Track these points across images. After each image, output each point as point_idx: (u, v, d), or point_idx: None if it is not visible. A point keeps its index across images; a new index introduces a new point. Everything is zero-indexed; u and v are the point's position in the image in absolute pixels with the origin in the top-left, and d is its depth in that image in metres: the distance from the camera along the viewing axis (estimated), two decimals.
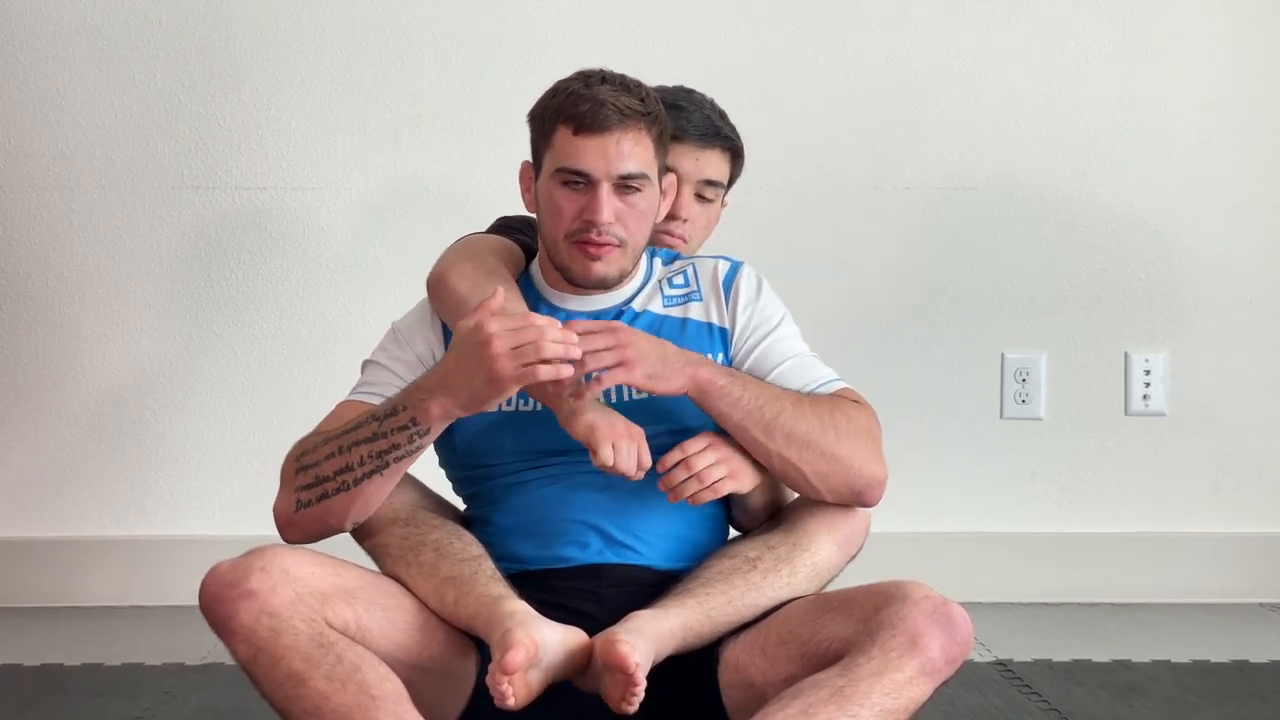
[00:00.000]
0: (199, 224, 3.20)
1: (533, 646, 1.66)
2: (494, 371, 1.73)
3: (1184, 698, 2.46)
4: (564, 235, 1.93)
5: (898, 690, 1.65)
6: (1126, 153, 3.25)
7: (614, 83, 1.91)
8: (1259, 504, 3.28)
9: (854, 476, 1.91)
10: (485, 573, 1.82)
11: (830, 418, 1.90)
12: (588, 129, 1.88)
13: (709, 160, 2.25)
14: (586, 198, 1.90)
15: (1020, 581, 3.22)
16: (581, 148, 1.89)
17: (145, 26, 3.17)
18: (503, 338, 1.73)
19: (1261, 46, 3.26)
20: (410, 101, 3.19)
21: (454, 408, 1.78)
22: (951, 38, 3.23)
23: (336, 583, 1.76)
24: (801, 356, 2.00)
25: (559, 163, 1.91)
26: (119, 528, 3.20)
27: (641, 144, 1.91)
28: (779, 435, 1.87)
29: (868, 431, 1.93)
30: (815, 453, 1.88)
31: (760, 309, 2.02)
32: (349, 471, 1.82)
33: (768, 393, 1.89)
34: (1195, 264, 3.26)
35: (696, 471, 1.85)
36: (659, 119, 1.94)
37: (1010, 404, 3.26)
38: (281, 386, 3.20)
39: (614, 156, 1.89)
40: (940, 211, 3.24)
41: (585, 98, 1.89)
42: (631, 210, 1.92)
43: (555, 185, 1.92)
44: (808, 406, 1.90)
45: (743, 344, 2.00)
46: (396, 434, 1.80)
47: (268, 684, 1.71)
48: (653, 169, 1.94)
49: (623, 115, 1.88)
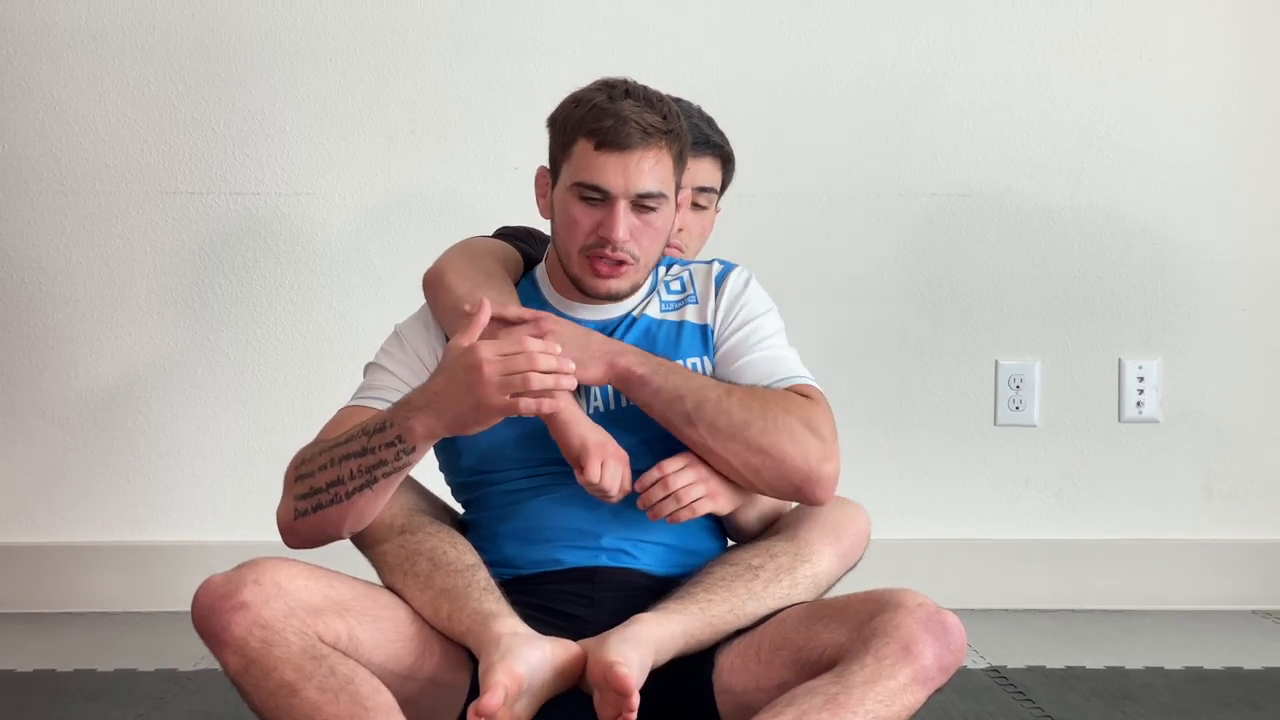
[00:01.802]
0: (194, 229, 3.19)
1: (514, 685, 1.65)
2: (481, 399, 1.73)
3: (1177, 705, 2.46)
4: (579, 249, 1.93)
5: (891, 698, 1.65)
6: (1121, 161, 3.26)
7: (637, 97, 1.90)
8: (1252, 511, 3.28)
9: (787, 469, 1.86)
10: (479, 585, 1.82)
11: (762, 410, 1.86)
12: (609, 145, 1.87)
13: (700, 168, 2.26)
14: (603, 213, 1.90)
15: (1014, 588, 3.22)
16: (602, 163, 1.88)
17: (140, 31, 3.17)
18: (493, 364, 1.72)
19: (1257, 56, 3.26)
20: (405, 107, 3.19)
21: (439, 428, 1.78)
22: (947, 45, 3.23)
23: (329, 595, 1.76)
24: (773, 350, 1.99)
25: (578, 176, 1.90)
26: (111, 533, 3.20)
27: (662, 162, 1.90)
28: (702, 426, 1.85)
29: (806, 423, 1.87)
30: (741, 444, 1.85)
31: (743, 303, 2.03)
32: (340, 485, 1.82)
33: (693, 383, 1.87)
34: (1189, 271, 3.27)
35: (673, 491, 1.85)
36: (680, 136, 1.93)
37: (1004, 410, 3.26)
38: (276, 392, 3.19)
39: (634, 175, 1.88)
40: (935, 218, 3.25)
41: (609, 112, 1.87)
42: (647, 228, 1.92)
43: (572, 198, 1.91)
44: (737, 398, 1.87)
45: (722, 335, 2.01)
46: (384, 450, 1.80)
47: (259, 695, 1.71)
48: (670, 187, 1.93)
49: (645, 133, 1.87)
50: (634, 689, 1.64)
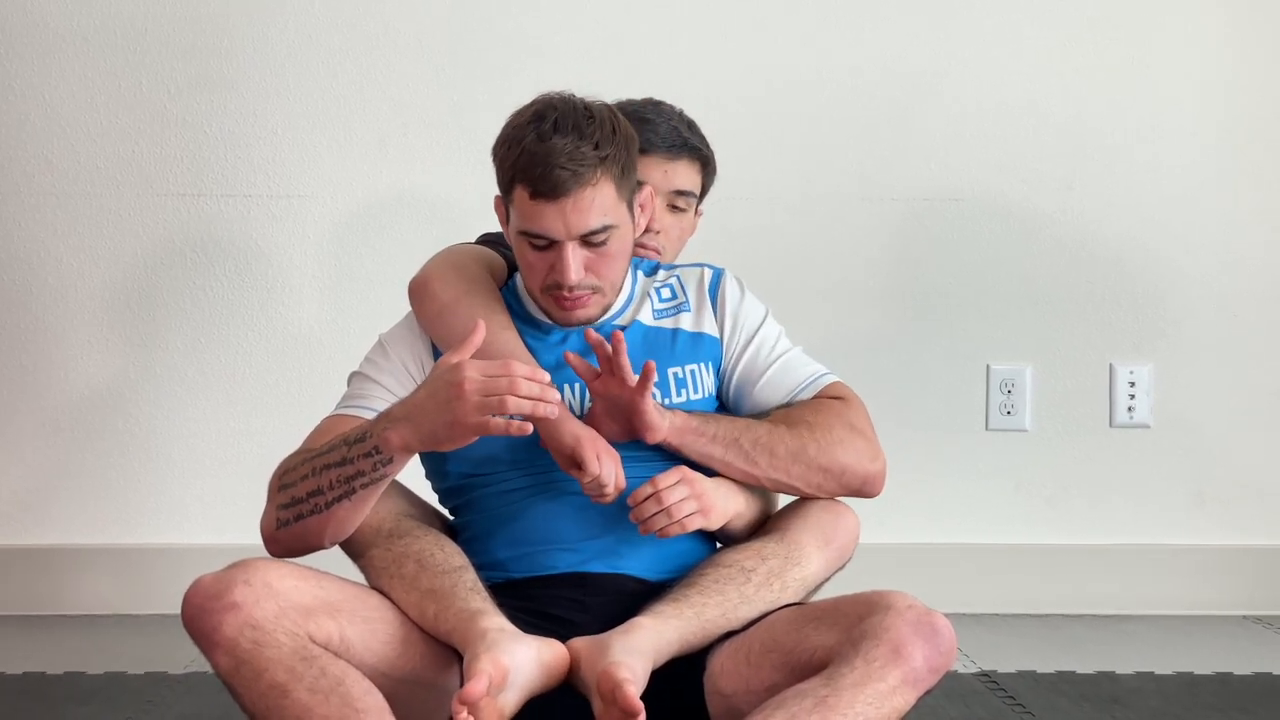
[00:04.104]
0: (185, 231, 3.19)
1: (498, 674, 1.65)
2: (457, 415, 1.72)
3: (1167, 709, 2.46)
4: (539, 289, 1.95)
5: (880, 700, 1.65)
6: (1113, 166, 3.26)
7: (565, 129, 1.85)
8: (1243, 516, 3.29)
9: (848, 478, 1.96)
10: (465, 585, 1.82)
11: (810, 429, 1.93)
12: (543, 195, 1.85)
13: (678, 171, 2.26)
14: (553, 256, 1.90)
15: (1004, 592, 3.22)
16: (539, 211, 1.87)
17: (132, 33, 3.17)
18: (475, 383, 1.71)
19: (1250, 62, 3.27)
20: (396, 110, 3.19)
21: (414, 440, 1.77)
22: (939, 50, 3.23)
23: (320, 596, 1.76)
24: (788, 354, 2.04)
25: (521, 225, 1.90)
26: (101, 536, 3.19)
27: (602, 193, 1.87)
28: (763, 461, 1.92)
29: (851, 427, 1.96)
30: (803, 466, 1.93)
31: (745, 312, 2.05)
32: (320, 495, 1.82)
33: (738, 424, 1.93)
34: (1181, 276, 3.27)
35: (666, 506, 1.86)
36: (618, 155, 1.89)
37: (995, 415, 3.27)
38: (266, 394, 3.19)
39: (573, 218, 1.87)
40: (926, 223, 3.25)
41: (538, 158, 1.84)
42: (602, 257, 1.92)
43: (522, 243, 1.92)
44: (784, 425, 1.93)
45: (732, 348, 2.03)
46: (361, 460, 1.79)
47: (250, 696, 1.70)
48: (618, 210, 1.91)
49: (578, 174, 1.84)
50: (641, 710, 1.63)
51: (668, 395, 1.98)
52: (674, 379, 1.99)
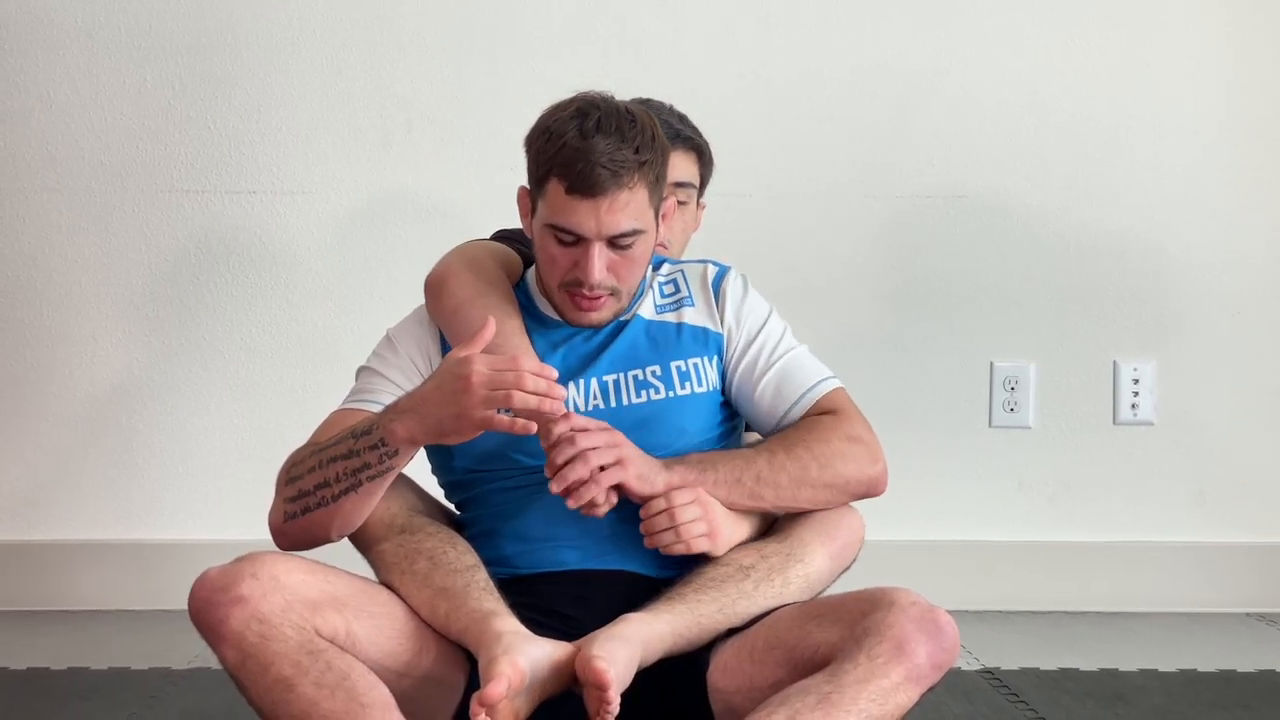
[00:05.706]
0: (188, 228, 3.19)
1: (517, 677, 1.65)
2: (463, 408, 1.73)
3: (1171, 707, 2.46)
4: (558, 284, 1.95)
5: (884, 696, 1.65)
6: (1116, 163, 3.26)
7: (609, 130, 1.86)
8: (1246, 514, 3.29)
9: (854, 488, 1.98)
10: (478, 585, 1.82)
11: (807, 449, 1.94)
12: (580, 191, 1.85)
13: (674, 163, 2.25)
14: (579, 253, 1.90)
15: (1007, 589, 3.23)
16: (573, 207, 1.86)
17: (136, 29, 3.17)
18: (482, 376, 1.72)
19: (1251, 60, 3.27)
20: (401, 107, 3.19)
21: (419, 433, 1.78)
22: (942, 47, 3.23)
23: (327, 590, 1.76)
24: (791, 355, 2.03)
25: (551, 218, 1.89)
26: (105, 531, 3.19)
27: (636, 198, 1.88)
28: (769, 493, 1.93)
29: (848, 438, 1.97)
30: (809, 488, 1.94)
31: (748, 310, 2.05)
32: (327, 488, 1.83)
33: (738, 462, 1.93)
34: (1184, 273, 3.27)
35: (677, 524, 1.86)
36: (655, 162, 1.90)
37: (999, 412, 3.27)
38: (270, 390, 3.19)
39: (606, 219, 1.87)
40: (929, 220, 3.25)
41: (580, 154, 1.84)
42: (625, 261, 1.92)
43: (548, 236, 1.91)
44: (782, 452, 1.94)
45: (734, 346, 2.03)
46: (368, 453, 1.80)
47: (256, 690, 1.70)
48: (648, 218, 1.92)
49: (617, 175, 1.85)
50: (611, 683, 1.64)
51: (671, 388, 1.98)
52: (677, 372, 1.99)
